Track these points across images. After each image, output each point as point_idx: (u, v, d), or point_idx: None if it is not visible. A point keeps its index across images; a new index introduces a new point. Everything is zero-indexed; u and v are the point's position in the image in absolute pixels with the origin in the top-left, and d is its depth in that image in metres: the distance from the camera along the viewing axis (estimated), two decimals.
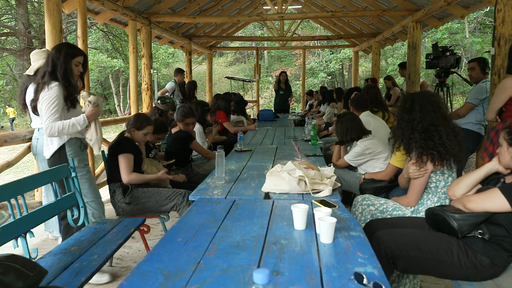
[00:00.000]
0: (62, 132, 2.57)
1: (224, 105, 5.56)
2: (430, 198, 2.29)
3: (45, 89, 2.54)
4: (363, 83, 9.14)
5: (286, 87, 9.46)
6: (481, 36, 18.65)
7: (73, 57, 2.66)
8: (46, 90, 2.54)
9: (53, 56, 2.62)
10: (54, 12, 3.76)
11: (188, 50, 9.64)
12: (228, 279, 1.25)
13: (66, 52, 2.64)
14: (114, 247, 2.19)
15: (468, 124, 4.03)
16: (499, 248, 1.76)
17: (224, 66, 30.47)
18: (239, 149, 3.76)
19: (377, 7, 7.31)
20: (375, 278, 1.24)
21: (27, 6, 11.97)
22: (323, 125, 6.97)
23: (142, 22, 6.38)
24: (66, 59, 2.62)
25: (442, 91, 5.25)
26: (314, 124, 4.31)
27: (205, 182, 2.53)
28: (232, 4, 9.19)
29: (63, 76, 2.60)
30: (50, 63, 2.61)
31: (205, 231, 1.67)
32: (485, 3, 5.20)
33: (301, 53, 18.19)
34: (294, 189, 2.22)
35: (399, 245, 1.87)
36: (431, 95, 2.36)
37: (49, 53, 2.66)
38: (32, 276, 1.25)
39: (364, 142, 3.27)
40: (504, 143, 1.89)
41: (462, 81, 12.46)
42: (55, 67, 2.60)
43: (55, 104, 2.54)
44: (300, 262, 1.36)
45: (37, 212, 2.21)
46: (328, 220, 1.53)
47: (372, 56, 9.39)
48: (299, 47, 15.78)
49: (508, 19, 3.53)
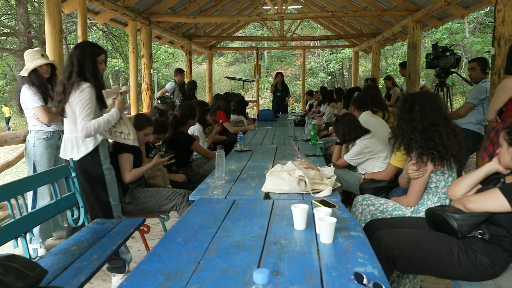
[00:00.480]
0: (98, 130, 2.52)
1: (224, 105, 5.56)
2: (430, 198, 2.29)
3: (77, 90, 2.46)
4: (363, 83, 9.14)
5: (283, 88, 9.41)
6: (481, 36, 18.65)
7: (98, 56, 2.60)
8: (78, 91, 2.46)
9: (79, 56, 2.53)
10: (54, 12, 3.76)
11: (188, 50, 9.65)
12: (228, 279, 1.25)
13: (91, 51, 2.58)
14: (114, 247, 2.19)
15: (468, 124, 4.03)
16: (499, 248, 1.76)
17: (224, 66, 30.47)
18: (239, 149, 3.76)
19: (377, 7, 7.31)
20: (375, 278, 1.24)
21: (27, 6, 11.97)
22: (323, 125, 6.97)
23: (142, 22, 6.38)
24: (92, 58, 2.56)
25: (442, 91, 5.25)
26: (314, 124, 4.31)
27: (205, 182, 2.53)
28: (232, 4, 9.19)
29: (93, 76, 2.54)
30: (76, 63, 2.52)
31: (205, 231, 1.67)
32: (485, 3, 5.20)
33: (301, 53, 18.19)
34: (294, 189, 2.22)
35: (399, 245, 1.87)
36: (431, 95, 2.37)
37: (71, 53, 2.57)
38: (32, 276, 1.25)
39: (363, 141, 3.27)
40: (504, 143, 1.89)
41: (462, 81, 12.46)
42: (82, 67, 2.52)
43: (89, 106, 2.48)
44: (300, 262, 1.36)
45: (37, 212, 2.21)
46: (328, 220, 1.53)
47: (372, 56, 9.39)
48: (299, 47, 15.78)
49: (508, 19, 3.53)
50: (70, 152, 2.57)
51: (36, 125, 3.12)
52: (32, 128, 3.14)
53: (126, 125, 2.74)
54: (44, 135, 3.13)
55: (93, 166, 2.56)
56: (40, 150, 3.11)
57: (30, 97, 3.00)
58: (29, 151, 3.13)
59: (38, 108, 3.01)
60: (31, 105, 3.02)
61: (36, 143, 3.11)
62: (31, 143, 3.12)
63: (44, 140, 3.13)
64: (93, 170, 2.56)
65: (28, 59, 3.06)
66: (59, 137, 3.22)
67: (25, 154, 3.19)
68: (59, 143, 3.22)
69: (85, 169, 2.56)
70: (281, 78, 9.35)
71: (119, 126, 2.71)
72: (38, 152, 3.11)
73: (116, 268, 2.65)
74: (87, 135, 2.50)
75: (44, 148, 3.12)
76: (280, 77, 9.36)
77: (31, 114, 3.08)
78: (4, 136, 3.31)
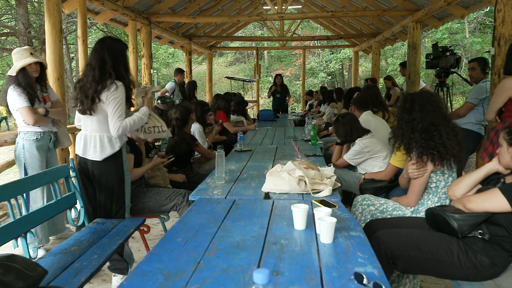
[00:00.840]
0: (132, 128, 2.48)
1: (224, 105, 5.56)
2: (430, 198, 2.29)
3: (110, 88, 2.38)
4: (363, 83, 9.14)
5: (282, 89, 9.42)
6: (481, 36, 18.63)
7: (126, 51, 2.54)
8: (112, 89, 2.37)
9: (108, 53, 2.43)
10: (54, 12, 3.76)
11: (188, 50, 9.64)
12: (228, 279, 1.25)
13: (120, 48, 2.49)
14: (114, 247, 2.19)
15: (468, 124, 4.03)
16: (499, 248, 1.76)
17: (224, 66, 30.45)
18: (239, 149, 3.76)
19: (377, 7, 7.31)
20: (375, 278, 1.24)
21: (27, 6, 11.97)
22: (323, 125, 6.97)
23: (142, 22, 6.38)
24: (123, 54, 2.49)
25: (442, 91, 5.26)
26: (314, 124, 4.31)
27: (205, 182, 2.53)
28: (232, 4, 9.19)
29: (126, 73, 2.49)
30: (108, 60, 2.41)
31: (205, 231, 1.67)
32: (485, 3, 5.20)
33: (301, 53, 18.18)
34: (294, 189, 2.22)
35: (399, 245, 1.87)
36: (431, 95, 2.37)
37: (98, 50, 2.44)
38: (32, 276, 1.25)
39: (363, 140, 3.27)
40: (504, 143, 1.89)
41: (462, 81, 12.46)
42: (116, 64, 2.43)
43: (122, 104, 2.41)
44: (300, 262, 1.36)
45: (37, 212, 2.21)
46: (328, 220, 1.53)
47: (372, 56, 9.39)
48: (299, 47, 15.77)
49: (508, 19, 3.53)
50: (93, 152, 2.47)
51: (24, 126, 3.04)
52: (21, 130, 3.06)
53: (156, 118, 2.72)
54: (34, 136, 3.05)
55: (116, 167, 2.51)
56: (30, 152, 3.04)
57: (15, 98, 2.92)
58: (19, 153, 3.05)
59: (23, 109, 2.92)
60: (16, 106, 2.94)
61: (26, 145, 3.04)
62: (20, 145, 3.05)
63: (34, 142, 3.05)
64: (116, 170, 2.52)
65: (17, 58, 2.97)
66: (50, 138, 3.16)
67: (15, 157, 3.11)
68: (50, 144, 3.17)
69: (108, 169, 2.50)
70: (280, 79, 9.36)
71: (150, 121, 2.68)
72: (28, 154, 3.03)
73: (118, 269, 2.65)
74: (122, 134, 2.45)
75: (34, 150, 3.04)
76: (279, 78, 9.37)
77: (19, 115, 3.00)
78: (4, 136, 3.31)
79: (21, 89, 2.93)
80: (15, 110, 2.97)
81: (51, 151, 3.23)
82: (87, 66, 2.47)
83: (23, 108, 2.93)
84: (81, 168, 2.56)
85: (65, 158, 3.87)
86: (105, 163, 2.48)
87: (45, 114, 3.05)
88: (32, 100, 2.99)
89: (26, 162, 3.04)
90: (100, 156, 2.46)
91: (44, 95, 3.13)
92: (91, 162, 2.49)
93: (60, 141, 3.28)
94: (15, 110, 2.97)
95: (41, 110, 3.03)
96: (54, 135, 3.23)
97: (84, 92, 2.42)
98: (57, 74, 3.80)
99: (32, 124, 2.98)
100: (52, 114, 3.11)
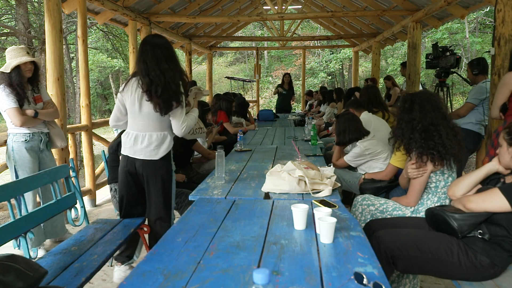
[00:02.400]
0: (191, 128, 2.49)
1: (225, 105, 5.56)
2: (430, 198, 2.29)
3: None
4: (363, 83, 9.14)
5: (289, 88, 9.57)
6: (481, 36, 18.63)
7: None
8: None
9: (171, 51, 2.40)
10: (54, 12, 3.76)
11: (188, 50, 9.64)
12: (228, 279, 1.25)
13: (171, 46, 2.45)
14: (114, 247, 2.19)
15: (468, 124, 4.03)
16: (499, 248, 1.76)
17: (224, 66, 30.44)
18: (239, 149, 3.76)
19: (377, 7, 7.31)
20: (375, 278, 1.24)
21: (27, 6, 11.96)
22: (323, 125, 6.97)
23: (142, 22, 6.38)
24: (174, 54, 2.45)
25: (442, 91, 5.26)
26: (314, 124, 4.31)
27: (205, 182, 2.53)
28: (232, 4, 9.19)
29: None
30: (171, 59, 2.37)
31: (205, 231, 1.67)
32: (485, 3, 5.19)
33: (301, 53, 18.17)
34: (294, 189, 2.22)
35: (399, 245, 1.87)
36: (431, 95, 2.37)
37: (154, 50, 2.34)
38: (32, 276, 1.25)
39: (363, 142, 3.27)
40: (504, 143, 1.89)
41: (462, 81, 12.46)
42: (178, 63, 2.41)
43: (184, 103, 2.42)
44: (300, 262, 1.36)
45: (37, 212, 2.22)
46: (328, 220, 1.53)
47: (372, 56, 9.38)
48: (299, 47, 15.76)
49: (508, 19, 3.53)
50: (155, 151, 2.43)
51: (13, 128, 2.97)
52: (11, 131, 3.00)
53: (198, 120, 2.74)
54: (23, 137, 2.98)
55: (167, 165, 2.50)
56: (20, 154, 2.97)
57: (3, 98, 2.85)
58: (9, 155, 2.99)
59: (10, 110, 2.86)
60: (3, 107, 2.88)
61: (15, 147, 2.97)
62: (10, 147, 2.99)
63: (23, 143, 2.98)
64: (167, 168, 2.50)
65: (12, 56, 2.90)
66: (40, 139, 3.08)
67: (6, 159, 3.04)
68: (41, 145, 3.10)
69: (164, 167, 2.48)
70: (288, 78, 9.60)
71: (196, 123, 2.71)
72: (18, 156, 2.97)
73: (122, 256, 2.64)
74: (185, 132, 2.45)
75: (24, 152, 2.98)
76: (288, 77, 9.62)
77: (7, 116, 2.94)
78: (4, 136, 3.31)
79: (11, 89, 2.87)
80: (3, 111, 2.91)
81: (43, 152, 3.14)
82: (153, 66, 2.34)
83: (11, 109, 2.86)
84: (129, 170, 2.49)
85: (65, 158, 3.86)
86: (163, 161, 2.46)
87: (34, 116, 2.98)
88: (22, 101, 2.92)
89: (16, 164, 2.97)
90: (159, 155, 2.44)
91: (35, 96, 3.05)
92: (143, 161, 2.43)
93: (53, 141, 3.20)
94: (3, 110, 2.91)
95: (29, 112, 2.95)
96: (46, 136, 3.15)
97: (167, 94, 2.34)
98: (57, 74, 3.79)
99: (19, 125, 2.92)
100: (42, 115, 3.03)
